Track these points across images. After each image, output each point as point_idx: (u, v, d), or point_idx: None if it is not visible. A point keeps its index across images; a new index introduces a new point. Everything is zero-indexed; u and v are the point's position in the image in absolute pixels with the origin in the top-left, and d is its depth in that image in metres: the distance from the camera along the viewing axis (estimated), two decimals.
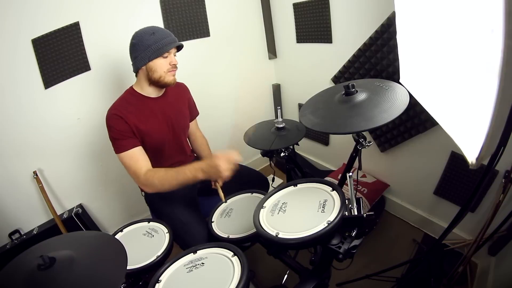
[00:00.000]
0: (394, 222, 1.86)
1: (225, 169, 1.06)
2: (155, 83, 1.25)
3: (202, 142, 1.61)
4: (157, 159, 1.37)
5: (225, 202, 1.25)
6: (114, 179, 1.90)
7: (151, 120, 1.29)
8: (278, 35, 2.21)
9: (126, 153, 1.18)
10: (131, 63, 1.25)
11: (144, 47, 1.17)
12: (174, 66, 1.26)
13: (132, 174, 1.19)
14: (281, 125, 1.35)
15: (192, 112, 1.55)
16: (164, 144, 1.35)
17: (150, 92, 1.30)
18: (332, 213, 0.78)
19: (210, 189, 1.48)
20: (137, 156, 1.19)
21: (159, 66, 1.21)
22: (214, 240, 1.09)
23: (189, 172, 1.12)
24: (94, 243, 0.80)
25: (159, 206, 1.37)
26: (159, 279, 0.84)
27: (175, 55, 1.26)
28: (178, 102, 1.41)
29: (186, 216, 1.26)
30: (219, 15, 1.95)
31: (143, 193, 1.46)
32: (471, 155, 0.67)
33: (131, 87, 1.31)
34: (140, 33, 1.20)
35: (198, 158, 1.60)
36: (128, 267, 0.76)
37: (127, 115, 1.19)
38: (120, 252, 0.73)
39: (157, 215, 1.40)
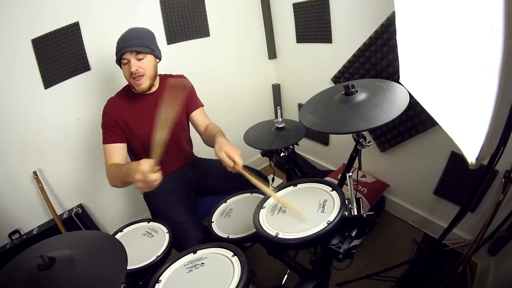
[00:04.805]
0: (394, 222, 1.86)
1: (140, 184, 0.92)
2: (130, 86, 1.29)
3: (212, 128, 1.38)
4: (149, 152, 1.37)
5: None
6: None
7: (142, 117, 1.31)
8: (278, 35, 2.21)
9: (106, 146, 1.25)
10: None
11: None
12: (134, 74, 1.21)
13: (105, 165, 1.24)
14: (281, 125, 1.35)
15: (190, 105, 1.44)
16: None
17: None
18: (332, 213, 0.78)
19: (209, 189, 1.48)
20: (113, 151, 1.24)
21: (124, 71, 1.25)
22: (214, 240, 1.09)
23: (125, 171, 1.04)
24: (94, 243, 0.80)
25: (156, 205, 1.37)
26: (159, 279, 0.84)
27: (139, 59, 1.21)
28: None
29: (181, 217, 1.26)
30: (219, 15, 1.95)
31: (142, 192, 1.47)
32: (471, 155, 0.67)
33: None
34: None
35: (199, 160, 1.59)
36: (128, 267, 0.76)
37: (117, 111, 1.28)
38: (120, 252, 0.73)
39: (153, 214, 1.41)
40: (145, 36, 1.25)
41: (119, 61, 1.24)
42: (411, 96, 0.96)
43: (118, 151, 1.26)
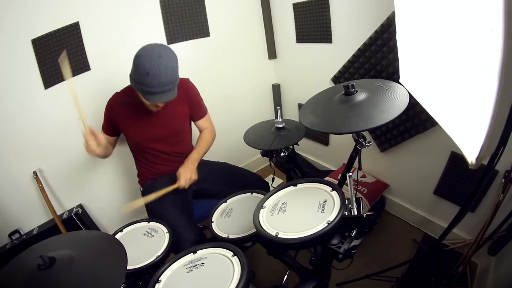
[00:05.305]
0: (394, 222, 1.86)
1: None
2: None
3: (202, 137, 1.54)
4: (145, 152, 1.41)
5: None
6: (113, 179, 1.90)
7: (139, 120, 1.33)
8: (278, 35, 2.21)
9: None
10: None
11: (136, 77, 1.13)
12: (157, 106, 1.24)
13: None
14: (281, 125, 1.35)
15: (196, 112, 1.49)
16: (150, 142, 1.38)
17: None
18: (332, 213, 0.78)
19: (206, 192, 1.48)
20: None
21: (144, 99, 1.19)
22: (213, 241, 1.09)
23: None
24: (94, 243, 0.80)
25: (151, 204, 1.37)
26: (159, 279, 0.84)
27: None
28: (174, 105, 1.36)
29: (174, 218, 1.26)
30: (219, 15, 1.95)
31: (141, 189, 1.47)
32: (471, 155, 0.67)
33: None
34: (141, 61, 1.10)
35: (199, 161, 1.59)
36: (128, 267, 0.76)
37: (116, 111, 1.33)
38: (120, 252, 0.74)
39: (149, 213, 1.41)
40: (174, 73, 1.16)
41: (141, 93, 1.17)
42: (411, 96, 0.96)
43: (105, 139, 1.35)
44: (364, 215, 0.78)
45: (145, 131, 1.36)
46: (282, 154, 1.32)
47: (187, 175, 1.30)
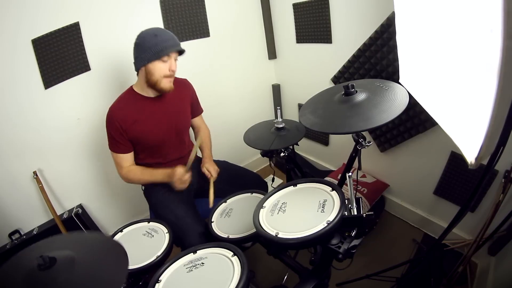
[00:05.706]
0: (394, 222, 1.86)
1: (178, 183, 1.28)
2: (152, 86, 1.26)
3: (202, 135, 1.59)
4: (156, 155, 1.39)
5: (211, 206, 1.29)
6: (114, 179, 1.89)
7: (149, 121, 1.30)
8: (278, 35, 2.21)
9: (115, 154, 1.32)
10: (133, 61, 1.25)
11: (145, 49, 1.18)
12: (172, 72, 1.25)
13: (116, 166, 1.36)
14: (281, 125, 1.35)
15: (195, 109, 1.55)
16: (163, 143, 1.37)
17: (150, 92, 1.30)
18: (331, 213, 0.78)
19: (206, 189, 1.49)
20: (124, 159, 1.33)
21: (158, 69, 1.21)
22: (213, 240, 1.09)
23: (161, 176, 1.33)
24: (96, 244, 0.80)
25: (155, 200, 1.38)
26: (159, 279, 0.84)
27: (176, 59, 1.25)
28: (179, 101, 1.40)
29: (181, 211, 1.27)
30: (219, 15, 1.95)
31: (143, 187, 1.47)
32: (470, 155, 0.67)
33: (131, 87, 1.32)
34: (143, 34, 1.20)
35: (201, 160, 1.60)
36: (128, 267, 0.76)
37: (126, 121, 1.25)
38: (121, 253, 0.73)
39: (154, 210, 1.41)
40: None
41: (155, 58, 1.18)
42: (411, 96, 0.96)
43: (129, 158, 1.35)
44: (364, 215, 0.78)
45: (156, 133, 1.33)
46: (282, 154, 1.32)
47: (215, 167, 1.45)
